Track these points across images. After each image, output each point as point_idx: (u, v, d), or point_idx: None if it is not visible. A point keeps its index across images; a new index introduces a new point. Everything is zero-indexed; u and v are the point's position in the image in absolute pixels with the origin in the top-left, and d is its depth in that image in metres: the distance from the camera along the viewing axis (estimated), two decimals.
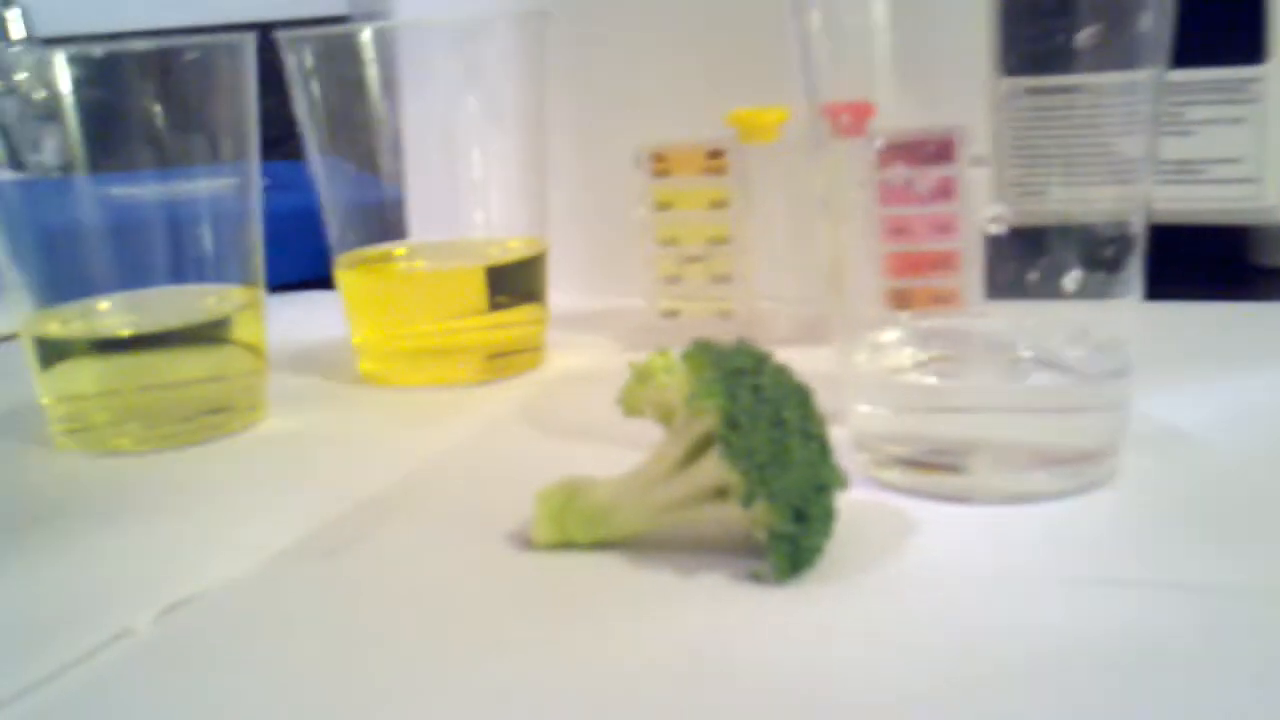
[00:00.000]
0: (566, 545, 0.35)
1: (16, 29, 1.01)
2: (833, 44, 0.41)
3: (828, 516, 0.33)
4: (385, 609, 0.33)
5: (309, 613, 0.33)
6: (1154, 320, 0.39)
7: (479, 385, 0.53)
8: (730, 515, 0.33)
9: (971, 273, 0.44)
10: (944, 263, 0.45)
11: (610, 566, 0.34)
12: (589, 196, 0.62)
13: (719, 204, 0.56)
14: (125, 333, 0.49)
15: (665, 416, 0.34)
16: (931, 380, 0.40)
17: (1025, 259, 0.44)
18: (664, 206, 0.56)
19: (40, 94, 0.93)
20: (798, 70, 0.40)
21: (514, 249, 0.56)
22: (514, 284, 0.55)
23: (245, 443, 0.48)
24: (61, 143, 0.99)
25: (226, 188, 0.52)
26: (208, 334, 0.49)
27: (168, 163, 0.51)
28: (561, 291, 0.58)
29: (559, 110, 0.57)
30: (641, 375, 0.34)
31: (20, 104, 0.54)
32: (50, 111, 0.91)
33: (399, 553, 0.37)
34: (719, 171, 0.56)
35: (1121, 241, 0.39)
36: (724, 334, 0.56)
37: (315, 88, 0.53)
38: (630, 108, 0.62)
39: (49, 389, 0.48)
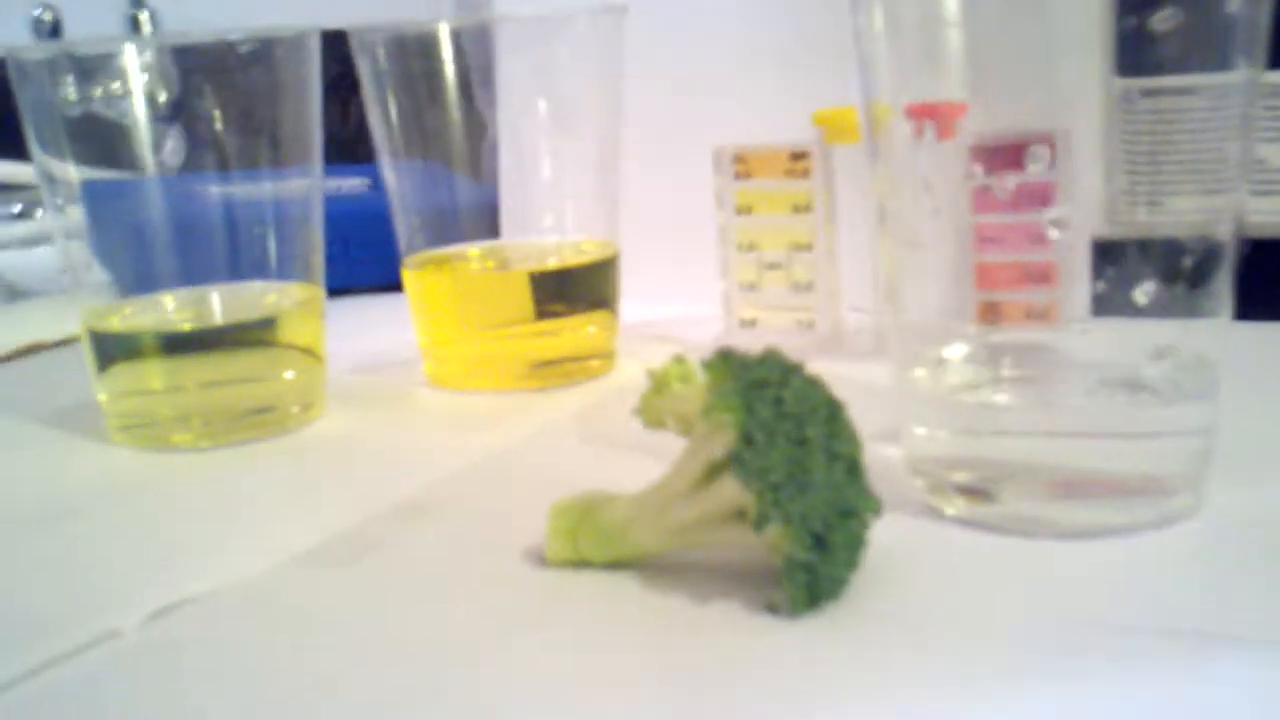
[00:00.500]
0: (580, 564, 0.33)
1: (146, 31, 1.03)
2: (905, 41, 0.39)
3: (854, 545, 0.30)
4: (383, 620, 0.31)
5: (307, 619, 0.32)
6: (1246, 341, 0.35)
7: (540, 391, 0.51)
8: (750, 539, 0.30)
9: (1073, 287, 0.40)
10: (1039, 275, 0.41)
11: (621, 589, 0.32)
12: (665, 199, 0.60)
13: (801, 208, 0.53)
14: (185, 328, 0.48)
15: (685, 429, 0.32)
16: (995, 400, 0.37)
17: (1127, 271, 0.41)
18: (743, 211, 0.54)
19: (160, 95, 0.95)
20: (857, 70, 0.37)
21: (587, 252, 0.54)
22: (580, 288, 0.53)
23: (295, 442, 0.47)
24: (179, 142, 1.01)
25: (295, 188, 0.52)
26: (263, 332, 0.49)
27: (249, 163, 0.51)
28: (637, 299, 0.56)
29: (634, 108, 0.55)
30: (658, 385, 0.32)
31: (138, 105, 0.54)
32: (166, 111, 0.93)
33: (411, 563, 0.35)
34: (802, 174, 0.53)
35: (1209, 253, 0.35)
36: (804, 346, 0.54)
37: (387, 86, 0.52)
38: (708, 106, 0.60)
39: (106, 384, 0.48)
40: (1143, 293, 0.35)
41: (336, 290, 0.65)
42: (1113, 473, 0.35)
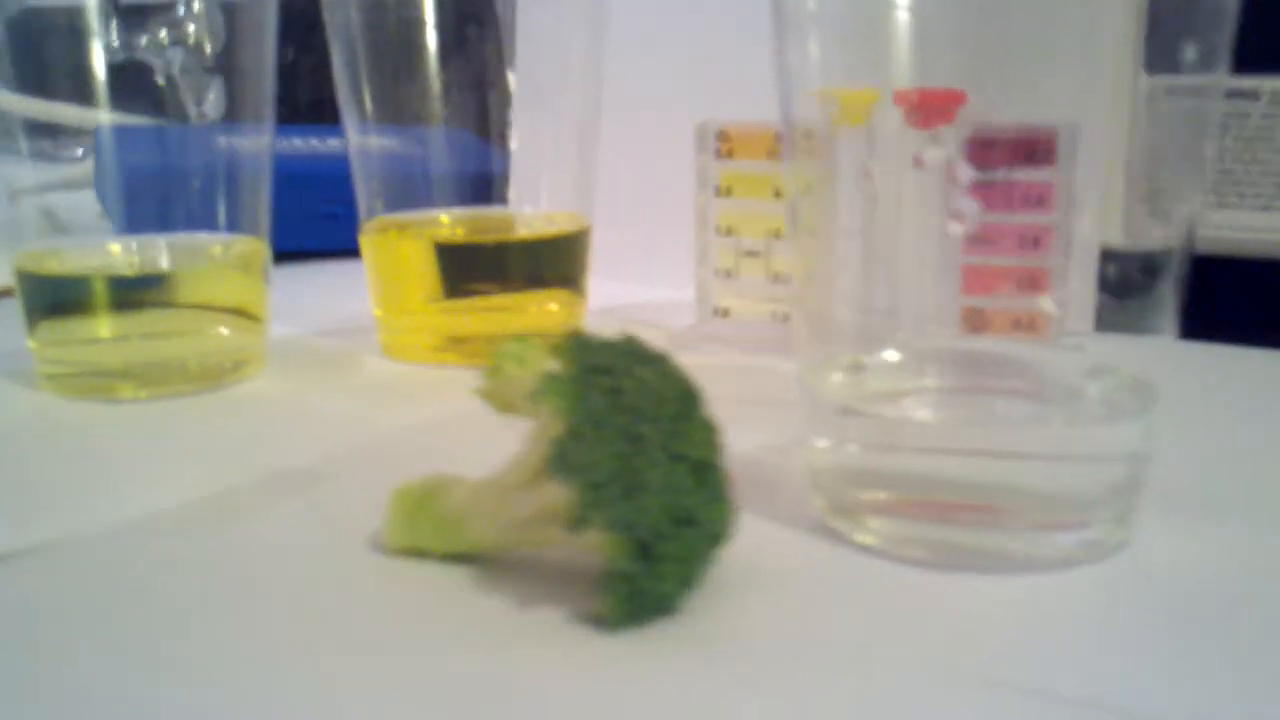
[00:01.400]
0: (420, 552, 0.30)
1: None
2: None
3: (689, 558, 0.27)
4: (200, 590, 0.29)
5: (119, 583, 0.29)
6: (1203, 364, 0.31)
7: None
8: (584, 541, 0.27)
9: (1071, 296, 0.36)
10: (1029, 281, 0.37)
11: (448, 583, 0.29)
12: (653, 177, 0.57)
13: (780, 194, 0.50)
14: (100, 277, 0.47)
15: (529, 414, 0.29)
16: (910, 412, 0.33)
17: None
18: (724, 193, 0.50)
19: (207, 46, 0.95)
20: (773, 53, 0.34)
21: (555, 225, 0.51)
22: (542, 263, 0.50)
23: (217, 400, 0.45)
24: (221, 94, 1.00)
25: (246, 143, 0.50)
26: (193, 287, 0.47)
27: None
28: (619, 280, 0.53)
29: (613, 79, 0.52)
30: (493, 367, 0.29)
31: (186, 55, 0.53)
32: (213, 63, 0.92)
33: (258, 535, 0.32)
34: (781, 157, 0.49)
35: (1150, 268, 0.31)
36: (777, 339, 0.50)
37: (358, 44, 0.50)
38: (691, 79, 0.56)
39: (33, 328, 0.46)
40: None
41: (329, 252, 0.63)
42: (1032, 500, 0.31)
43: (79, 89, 0.47)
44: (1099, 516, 0.31)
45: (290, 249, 0.70)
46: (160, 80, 0.51)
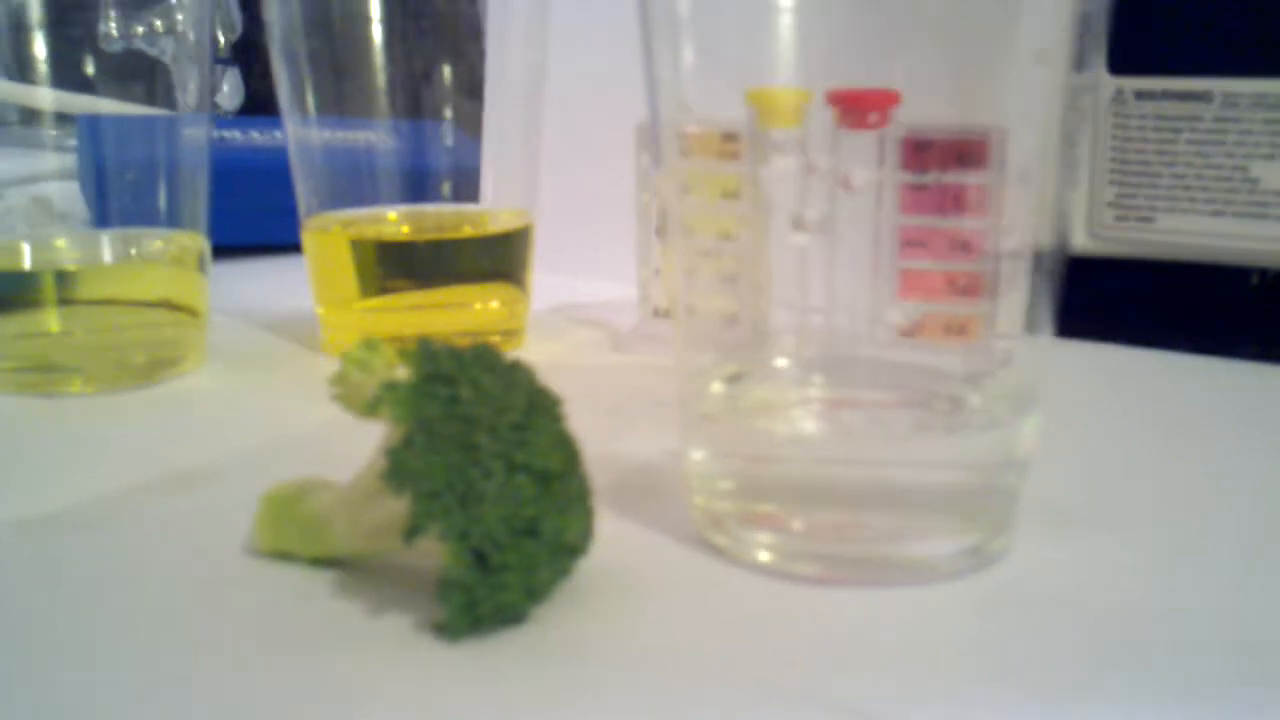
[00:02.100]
0: (288, 556, 0.30)
1: None
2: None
3: (532, 567, 0.26)
4: (64, 589, 0.29)
5: None
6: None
7: None
8: (424, 550, 0.27)
9: (1003, 303, 0.36)
10: (962, 287, 0.37)
11: (306, 589, 0.29)
12: (605, 174, 0.56)
13: (730, 194, 0.49)
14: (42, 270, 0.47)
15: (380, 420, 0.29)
16: (771, 424, 0.33)
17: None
18: (686, 191, 0.50)
19: (220, 37, 0.95)
20: (645, 55, 0.33)
21: (498, 222, 0.51)
22: (481, 260, 0.50)
23: (152, 396, 0.45)
24: (238, 85, 1.00)
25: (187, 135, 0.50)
26: (132, 280, 0.47)
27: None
28: (581, 278, 0.53)
29: (561, 75, 0.51)
30: (338, 374, 0.28)
31: (178, 45, 0.53)
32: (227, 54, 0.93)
33: (140, 533, 0.33)
34: (733, 157, 0.49)
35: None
36: (729, 340, 0.50)
37: (299, 35, 0.49)
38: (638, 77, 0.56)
39: None
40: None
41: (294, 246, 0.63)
42: (907, 510, 0.31)
43: (72, 77, 0.47)
44: (976, 526, 0.30)
45: (253, 242, 0.70)
46: (170, 70, 0.52)
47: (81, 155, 0.51)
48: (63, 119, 0.49)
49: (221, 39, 1.00)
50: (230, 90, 1.03)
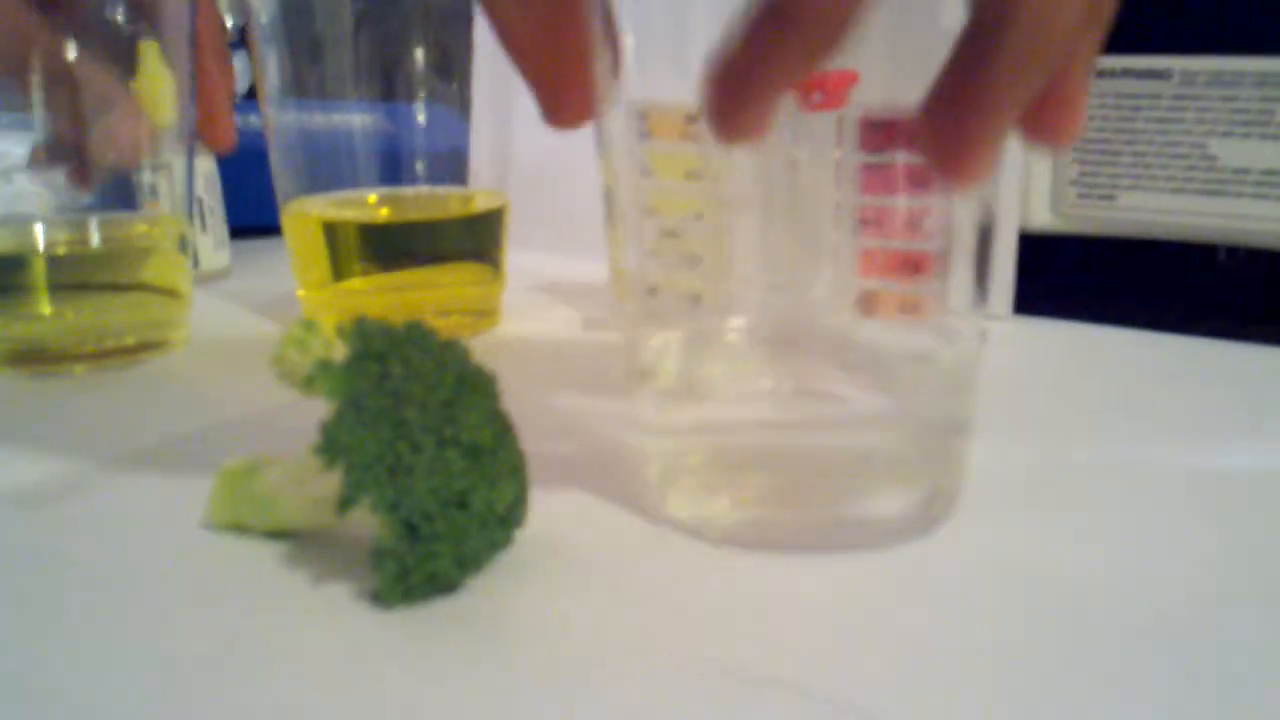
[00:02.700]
0: (243, 529, 0.32)
1: None
2: None
3: (460, 537, 0.28)
4: (26, 566, 0.31)
5: None
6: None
7: None
8: (371, 521, 0.28)
9: (952, 280, 0.37)
10: (913, 265, 0.38)
11: (258, 560, 0.30)
12: (570, 154, 0.57)
13: (693, 175, 0.50)
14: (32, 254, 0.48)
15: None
16: (717, 392, 0.34)
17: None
18: (648, 173, 0.51)
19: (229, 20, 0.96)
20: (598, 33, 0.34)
21: (472, 203, 0.52)
22: (457, 242, 0.51)
23: (127, 377, 0.47)
24: (247, 68, 1.02)
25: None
26: (117, 263, 0.49)
27: None
28: (552, 253, 0.54)
29: None
30: (276, 353, 0.30)
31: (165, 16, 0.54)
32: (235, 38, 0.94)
33: (104, 508, 0.34)
34: (695, 138, 0.50)
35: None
36: (694, 319, 0.51)
37: (279, 22, 0.51)
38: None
39: None
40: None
41: None
42: (859, 473, 0.32)
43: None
44: (924, 489, 0.31)
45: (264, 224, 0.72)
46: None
47: None
48: None
49: (229, 21, 1.01)
50: (239, 72, 1.05)
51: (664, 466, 0.33)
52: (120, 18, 0.49)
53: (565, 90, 0.31)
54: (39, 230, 0.50)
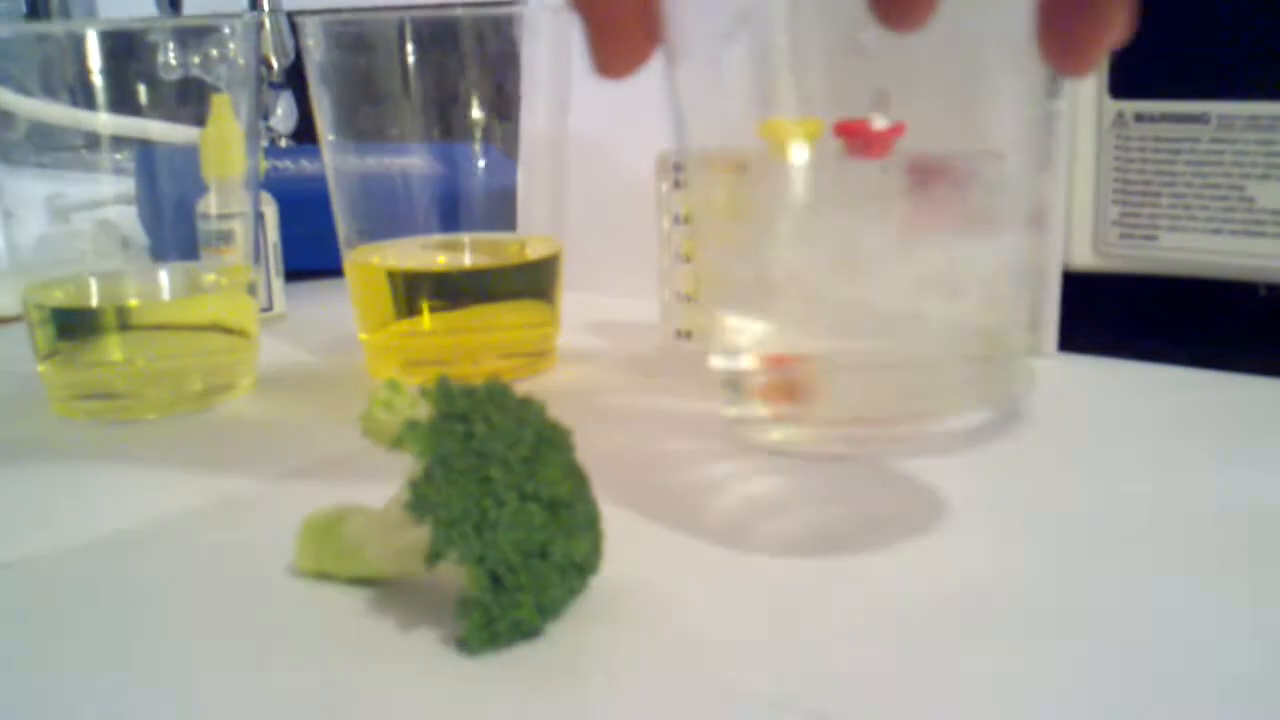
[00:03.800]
0: (327, 576, 0.33)
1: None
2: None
3: (544, 587, 0.29)
4: (122, 614, 0.32)
5: (58, 602, 0.33)
6: None
7: None
8: (455, 571, 0.30)
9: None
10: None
11: (344, 606, 0.32)
12: (622, 200, 0.59)
13: (736, 221, 0.52)
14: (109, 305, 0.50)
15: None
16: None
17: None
18: (686, 220, 0.53)
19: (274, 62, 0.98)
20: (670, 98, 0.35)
21: (530, 250, 0.53)
22: (514, 288, 0.53)
23: (199, 421, 0.49)
24: (291, 108, 1.04)
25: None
26: (186, 309, 0.51)
27: None
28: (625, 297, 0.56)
29: (593, 106, 0.54)
30: (366, 412, 0.31)
31: (232, 71, 0.56)
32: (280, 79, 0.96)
33: (189, 556, 0.36)
34: (746, 185, 0.51)
35: None
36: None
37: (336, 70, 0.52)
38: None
39: (46, 356, 0.50)
40: None
41: None
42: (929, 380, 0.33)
43: (131, 103, 0.50)
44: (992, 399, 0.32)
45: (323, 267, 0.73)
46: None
47: (138, 184, 0.54)
48: (120, 143, 0.52)
49: (275, 64, 1.03)
50: (284, 113, 1.07)
51: (740, 390, 0.34)
52: (194, 71, 0.51)
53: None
54: (110, 278, 0.52)
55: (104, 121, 0.50)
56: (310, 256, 0.69)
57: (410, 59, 0.52)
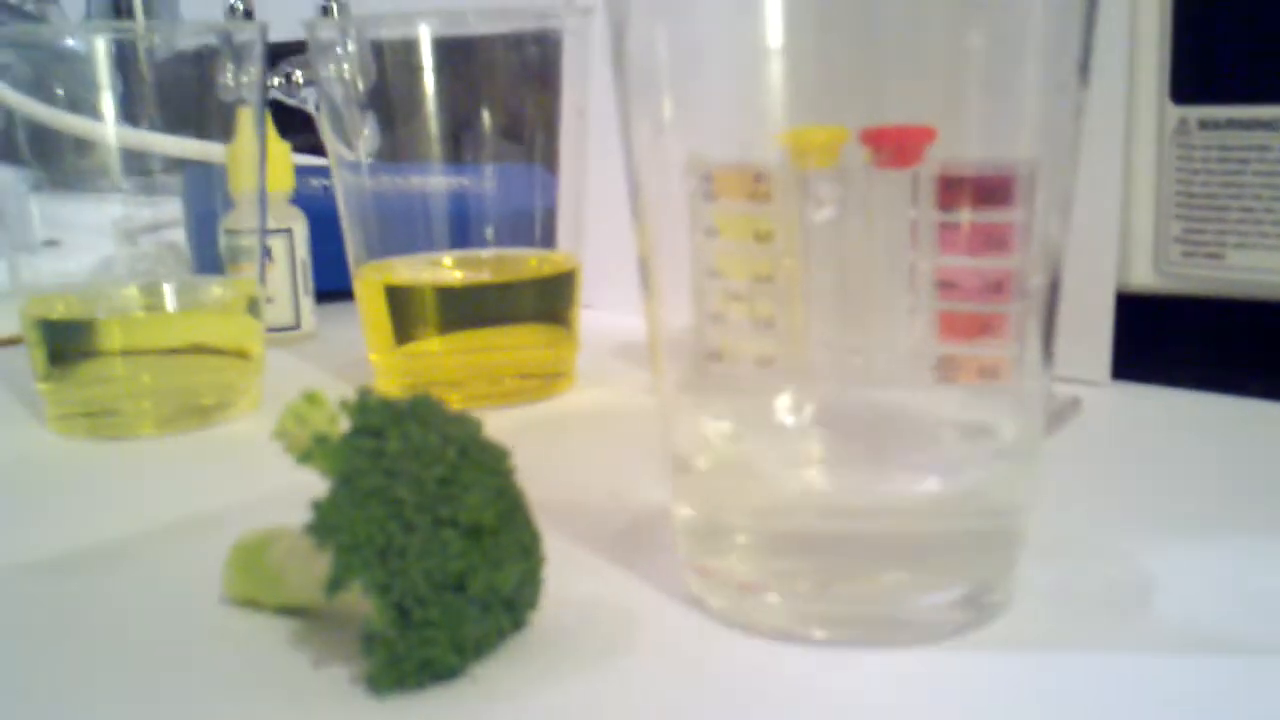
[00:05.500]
0: (255, 603, 0.31)
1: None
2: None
3: (458, 623, 0.26)
4: (50, 638, 0.30)
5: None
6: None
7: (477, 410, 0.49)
8: (348, 603, 0.27)
9: (1034, 342, 0.35)
10: (991, 328, 0.36)
11: (264, 639, 0.29)
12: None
13: (763, 236, 0.48)
14: (114, 318, 0.49)
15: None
16: (761, 473, 0.32)
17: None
18: (713, 234, 0.50)
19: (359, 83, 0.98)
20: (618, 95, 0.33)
21: (546, 266, 0.51)
22: (529, 305, 0.50)
23: (196, 439, 0.47)
24: (375, 130, 1.04)
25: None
26: (190, 326, 0.49)
27: None
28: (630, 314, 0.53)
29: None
30: (278, 426, 0.29)
31: (345, 90, 0.55)
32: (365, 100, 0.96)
33: (127, 580, 0.34)
34: (764, 198, 0.48)
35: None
36: (765, 384, 0.49)
37: (353, 87, 0.51)
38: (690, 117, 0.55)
39: (45, 372, 0.49)
40: None
41: None
42: (902, 561, 0.30)
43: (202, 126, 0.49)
44: (971, 576, 0.29)
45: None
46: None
47: (184, 204, 0.53)
48: (181, 164, 0.52)
49: (360, 84, 1.03)
50: (369, 134, 1.07)
51: (703, 552, 0.31)
52: (229, 83, 0.50)
53: None
54: (113, 294, 0.50)
55: (170, 145, 0.50)
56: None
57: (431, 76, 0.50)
